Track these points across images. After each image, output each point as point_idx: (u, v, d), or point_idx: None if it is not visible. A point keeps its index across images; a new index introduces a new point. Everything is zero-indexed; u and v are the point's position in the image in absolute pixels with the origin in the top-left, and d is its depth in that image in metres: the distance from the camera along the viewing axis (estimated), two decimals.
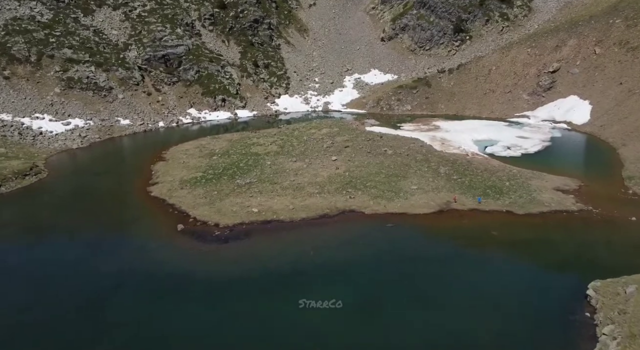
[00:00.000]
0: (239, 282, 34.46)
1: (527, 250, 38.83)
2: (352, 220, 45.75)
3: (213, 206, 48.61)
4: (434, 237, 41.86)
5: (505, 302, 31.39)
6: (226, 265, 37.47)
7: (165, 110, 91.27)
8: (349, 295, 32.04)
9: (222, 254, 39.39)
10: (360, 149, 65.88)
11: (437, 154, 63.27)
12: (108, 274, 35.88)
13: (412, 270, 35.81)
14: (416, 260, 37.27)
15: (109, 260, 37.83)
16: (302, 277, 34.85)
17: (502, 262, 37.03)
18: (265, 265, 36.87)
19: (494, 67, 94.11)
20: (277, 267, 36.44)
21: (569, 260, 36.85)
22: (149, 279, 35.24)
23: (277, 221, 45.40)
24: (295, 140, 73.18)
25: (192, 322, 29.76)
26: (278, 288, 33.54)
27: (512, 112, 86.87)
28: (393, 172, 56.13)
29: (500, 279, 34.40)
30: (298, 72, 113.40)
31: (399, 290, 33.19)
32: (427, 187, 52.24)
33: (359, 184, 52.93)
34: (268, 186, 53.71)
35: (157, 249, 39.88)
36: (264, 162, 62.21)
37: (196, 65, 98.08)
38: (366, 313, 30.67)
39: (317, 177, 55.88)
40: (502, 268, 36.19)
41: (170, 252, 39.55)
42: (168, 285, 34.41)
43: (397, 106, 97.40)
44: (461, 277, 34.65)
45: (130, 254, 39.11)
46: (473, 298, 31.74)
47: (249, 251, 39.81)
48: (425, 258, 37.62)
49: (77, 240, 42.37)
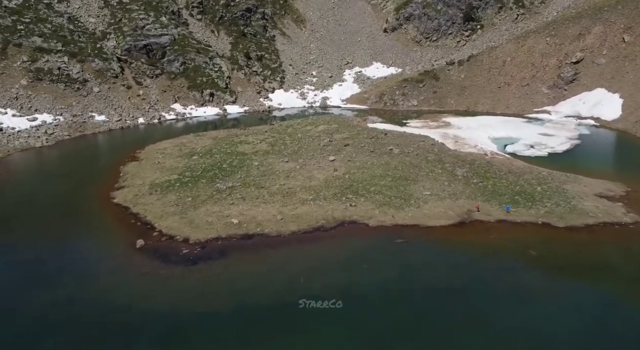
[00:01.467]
0: (204, 323, 25.95)
1: (579, 276, 30.30)
2: (353, 234, 37.26)
3: (185, 216, 40.10)
4: (457, 258, 33.25)
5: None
6: (190, 297, 28.91)
7: (146, 106, 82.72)
8: (347, 346, 23.58)
9: (187, 282, 30.80)
10: (362, 147, 57.40)
11: (451, 154, 54.72)
12: (34, 308, 27.38)
13: (431, 306, 27.28)
14: (436, 291, 28.71)
15: (39, 290, 29.33)
16: (287, 318, 26.27)
17: (550, 295, 28.38)
18: (240, 299, 28.37)
19: (508, 58, 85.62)
20: (256, 302, 27.90)
21: (636, 290, 28.28)
22: (86, 317, 26.72)
23: (261, 235, 36.92)
24: (288, 138, 64.66)
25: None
26: (254, 334, 24.98)
27: (530, 107, 78.36)
28: (401, 175, 47.62)
29: (552, 320, 25.75)
30: (294, 65, 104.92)
31: (414, 337, 24.61)
32: (442, 192, 43.72)
33: (361, 189, 44.44)
34: (253, 191, 45.20)
35: (104, 274, 31.36)
36: (250, 163, 53.69)
37: (182, 57, 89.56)
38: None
39: (311, 181, 47.39)
40: (552, 304, 27.53)
41: (121, 278, 31.04)
42: (110, 325, 25.94)
43: (402, 101, 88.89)
44: (498, 316, 26.11)
45: (68, 280, 30.54)
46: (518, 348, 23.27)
47: (221, 277, 31.25)
48: (447, 288, 29.07)
49: (4, 260, 33.76)
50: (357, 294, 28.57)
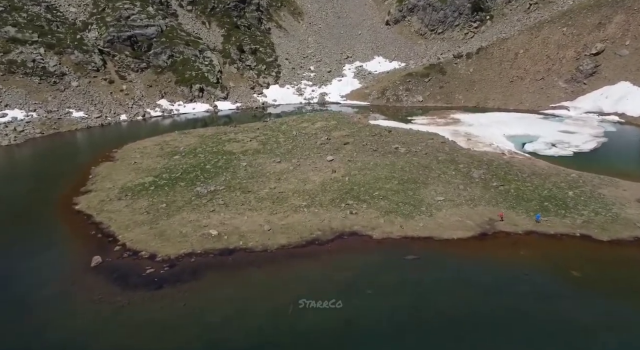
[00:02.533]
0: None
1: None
2: (354, 248, 31.10)
3: (155, 226, 33.95)
4: (481, 281, 27.03)
5: None
6: (148, 334, 22.75)
7: (129, 101, 76.53)
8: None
9: (147, 312, 24.59)
10: (364, 146, 51.28)
11: (464, 153, 48.55)
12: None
13: (452, 347, 21.09)
14: (457, 325, 22.60)
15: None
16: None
17: (605, 331, 22.17)
18: (211, 337, 22.27)
19: (521, 50, 79.37)
20: (232, 341, 21.75)
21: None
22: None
23: (244, 251, 30.79)
24: (282, 135, 58.51)
25: None
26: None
27: (546, 102, 72.13)
28: (409, 177, 41.47)
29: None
30: (290, 60, 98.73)
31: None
32: (457, 198, 37.55)
33: (363, 194, 38.30)
34: (238, 196, 39.06)
35: (42, 302, 25.18)
36: (237, 164, 47.55)
37: (169, 49, 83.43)
38: None
39: (306, 184, 41.25)
40: (609, 343, 21.33)
41: (63, 307, 24.89)
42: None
43: (406, 97, 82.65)
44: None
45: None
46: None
47: (191, 306, 25.02)
48: (472, 322, 22.91)
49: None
50: (360, 329, 22.42)
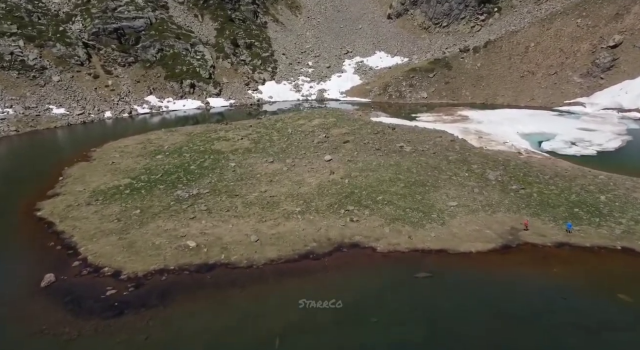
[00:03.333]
0: None
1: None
2: (355, 264, 26.47)
3: (125, 236, 29.29)
4: (509, 307, 22.38)
5: None
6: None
7: (115, 97, 71.84)
8: None
9: (99, 348, 19.90)
10: (366, 144, 46.66)
11: (477, 152, 43.88)
12: None
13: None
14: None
15: None
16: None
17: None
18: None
19: (532, 43, 74.73)
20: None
21: None
22: None
23: (225, 266, 26.17)
24: (276, 133, 53.86)
25: None
26: None
27: (560, 99, 67.47)
28: (416, 179, 36.80)
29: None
30: (288, 55, 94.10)
31: None
32: (473, 203, 32.90)
33: (365, 198, 33.65)
34: (224, 201, 34.41)
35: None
36: (225, 164, 42.91)
37: (159, 43, 78.78)
38: None
39: (301, 187, 36.62)
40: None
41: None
42: None
43: (410, 93, 78.00)
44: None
45: None
46: None
47: (153, 342, 20.34)
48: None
49: None
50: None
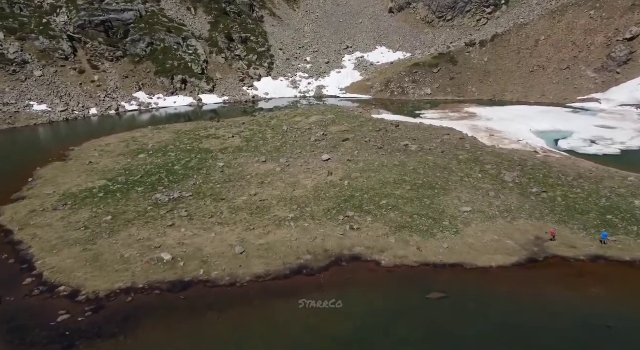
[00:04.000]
0: None
1: None
2: (357, 281, 22.64)
3: (91, 248, 25.42)
4: (544, 339, 18.47)
5: None
6: None
7: (101, 94, 67.89)
8: None
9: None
10: (367, 143, 42.77)
11: (490, 151, 39.98)
12: None
13: None
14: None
15: None
16: None
17: None
18: None
19: (542, 37, 70.82)
20: None
21: None
22: None
23: (204, 284, 22.35)
24: (270, 131, 49.98)
25: None
26: None
27: (573, 94, 63.58)
28: (424, 181, 32.90)
29: None
30: (285, 50, 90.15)
31: None
32: (489, 208, 29.01)
33: (367, 203, 29.75)
34: (208, 206, 30.53)
35: None
36: (213, 164, 39.02)
37: (149, 36, 74.83)
38: None
39: (295, 189, 32.74)
40: None
41: None
42: None
43: (413, 89, 74.07)
44: None
45: None
46: None
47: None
48: None
49: None
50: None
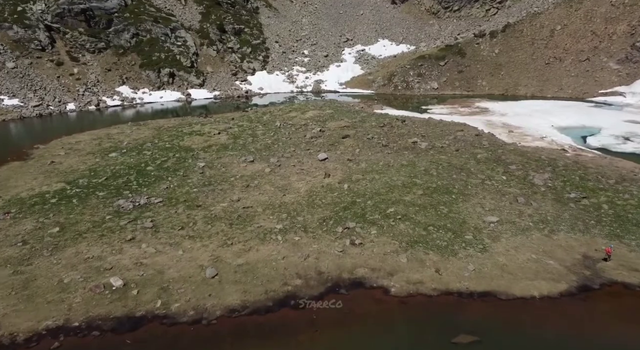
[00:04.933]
0: None
1: None
2: (360, 316, 17.50)
3: (23, 269, 20.31)
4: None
5: None
6: None
7: (80, 88, 62.63)
8: None
9: None
10: (370, 140, 37.50)
11: (511, 149, 34.68)
12: None
13: None
14: None
15: None
16: None
17: None
18: None
19: (558, 26, 65.52)
20: None
21: None
22: None
23: (160, 321, 17.16)
24: (262, 127, 44.73)
25: None
26: None
27: (593, 88, 58.25)
28: (439, 185, 27.64)
29: None
30: (281, 43, 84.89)
31: None
32: (520, 218, 23.76)
33: (371, 211, 24.48)
34: (179, 214, 25.28)
35: None
36: (193, 164, 33.75)
37: (134, 27, 69.53)
38: None
39: (285, 194, 27.48)
40: None
41: None
42: None
43: (418, 84, 68.78)
44: None
45: None
46: None
47: None
48: None
49: None
50: None
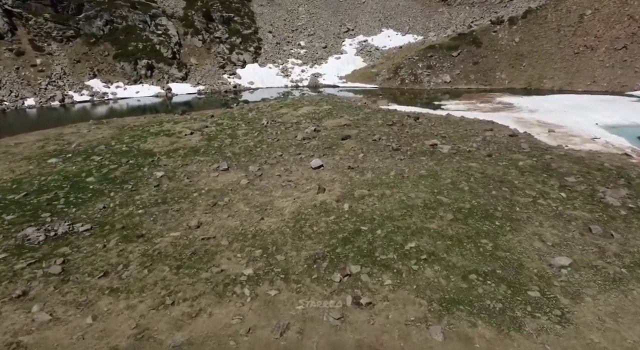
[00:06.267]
0: None
1: None
2: None
3: None
4: None
5: None
6: None
7: (43, 81, 55.06)
8: None
9: None
10: (377, 142, 29.79)
11: (560, 154, 26.95)
12: None
13: None
14: None
15: None
16: None
17: None
18: None
19: (588, 10, 57.83)
20: None
21: None
22: None
23: None
24: (244, 126, 37.05)
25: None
26: None
27: (634, 80, 50.59)
28: (474, 205, 19.86)
29: None
30: (275, 33, 77.29)
31: None
32: (601, 259, 15.94)
33: (382, 245, 16.54)
34: (108, 251, 17.45)
35: None
36: (148, 174, 26.01)
37: (107, 13, 61.99)
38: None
39: (263, 217, 19.59)
40: None
41: None
42: None
43: (428, 77, 61.13)
44: None
45: None
46: None
47: None
48: None
49: None
50: None
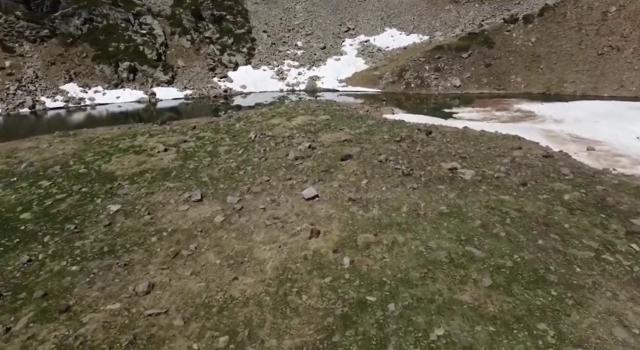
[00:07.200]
0: None
1: None
2: None
3: None
4: None
5: None
6: None
7: (12, 85, 50.08)
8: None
9: None
10: (383, 164, 24.61)
11: (614, 184, 21.81)
12: None
13: None
14: None
15: None
16: None
17: None
18: None
19: (612, 7, 52.93)
20: None
21: None
22: None
23: None
24: (228, 140, 31.95)
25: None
26: None
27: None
28: (516, 261, 14.60)
29: None
30: (270, 33, 72.30)
31: None
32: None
33: (397, 331, 11.19)
34: (11, 338, 12.29)
35: None
36: (101, 206, 20.83)
37: (86, 11, 57.00)
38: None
39: (238, 276, 14.24)
40: None
41: None
42: None
43: (436, 80, 56.16)
44: None
45: None
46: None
47: None
48: None
49: None
50: None
